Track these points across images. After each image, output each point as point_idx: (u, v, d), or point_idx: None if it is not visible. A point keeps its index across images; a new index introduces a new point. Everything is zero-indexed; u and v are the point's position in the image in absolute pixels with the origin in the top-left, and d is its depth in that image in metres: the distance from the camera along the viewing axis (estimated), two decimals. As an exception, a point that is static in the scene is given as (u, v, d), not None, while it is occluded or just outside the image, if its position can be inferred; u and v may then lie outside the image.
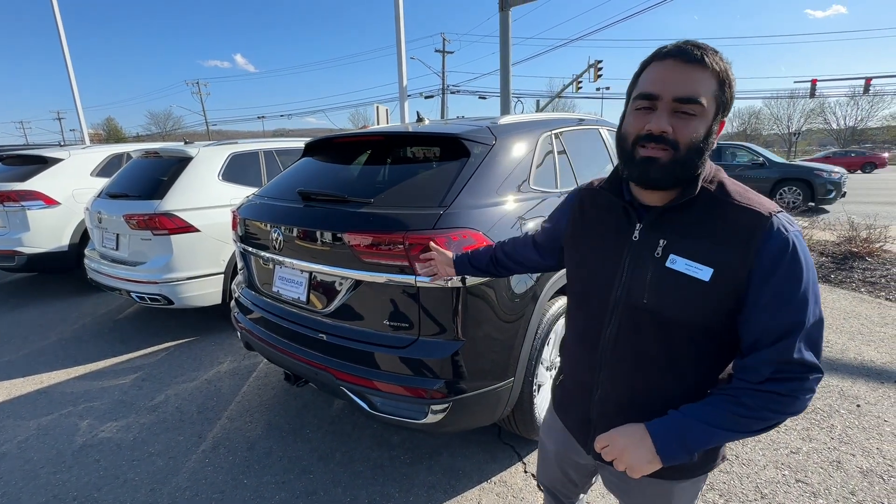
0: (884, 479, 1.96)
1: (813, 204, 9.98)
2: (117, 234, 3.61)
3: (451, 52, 33.66)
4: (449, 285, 1.64)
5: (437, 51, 33.17)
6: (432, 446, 2.24)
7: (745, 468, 2.05)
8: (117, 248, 3.63)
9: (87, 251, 4.08)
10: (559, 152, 2.39)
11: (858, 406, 2.51)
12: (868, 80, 29.15)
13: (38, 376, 3.08)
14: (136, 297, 3.44)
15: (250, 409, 2.61)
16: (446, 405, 1.69)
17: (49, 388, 2.93)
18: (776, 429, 2.28)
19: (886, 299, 4.16)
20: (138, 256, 3.47)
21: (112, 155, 5.21)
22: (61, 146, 6.16)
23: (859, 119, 53.36)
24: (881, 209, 9.89)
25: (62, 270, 4.80)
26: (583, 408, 0.99)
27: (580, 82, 23.24)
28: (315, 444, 2.28)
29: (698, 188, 0.80)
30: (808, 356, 0.74)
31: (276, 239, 2.00)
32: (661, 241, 0.82)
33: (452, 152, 1.97)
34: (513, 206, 1.89)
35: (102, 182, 4.59)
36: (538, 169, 2.15)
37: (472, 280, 1.65)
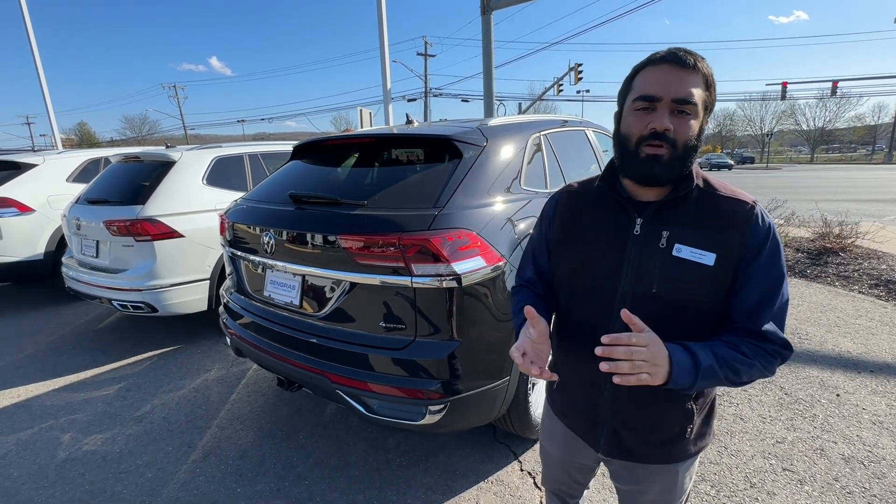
0: (864, 465, 2.04)
1: None
2: (97, 241, 3.51)
3: (433, 56, 33.78)
4: (444, 285, 1.65)
5: (419, 54, 33.26)
6: (428, 448, 2.23)
7: (734, 459, 2.10)
8: (97, 256, 3.52)
9: (64, 259, 3.95)
10: (548, 153, 2.42)
11: (838, 395, 2.60)
12: (835, 83, 30.32)
13: (15, 389, 2.96)
14: (118, 305, 3.34)
15: (241, 417, 2.56)
16: (444, 405, 1.69)
17: (28, 401, 2.82)
18: (762, 420, 2.37)
19: (859, 292, 4.32)
20: (120, 263, 3.38)
21: (89, 160, 5.08)
22: (35, 151, 5.97)
23: (827, 120, 55.45)
24: (851, 206, 10.28)
25: (38, 280, 4.64)
26: (590, 407, 0.99)
27: (561, 85, 23.60)
28: (309, 450, 2.25)
29: (694, 183, 0.85)
30: (782, 332, 0.84)
31: (268, 242, 1.97)
32: (664, 233, 0.86)
33: (444, 154, 1.98)
34: (504, 206, 1.91)
35: (79, 188, 4.46)
36: (528, 169, 2.18)
37: (467, 280, 1.66)
